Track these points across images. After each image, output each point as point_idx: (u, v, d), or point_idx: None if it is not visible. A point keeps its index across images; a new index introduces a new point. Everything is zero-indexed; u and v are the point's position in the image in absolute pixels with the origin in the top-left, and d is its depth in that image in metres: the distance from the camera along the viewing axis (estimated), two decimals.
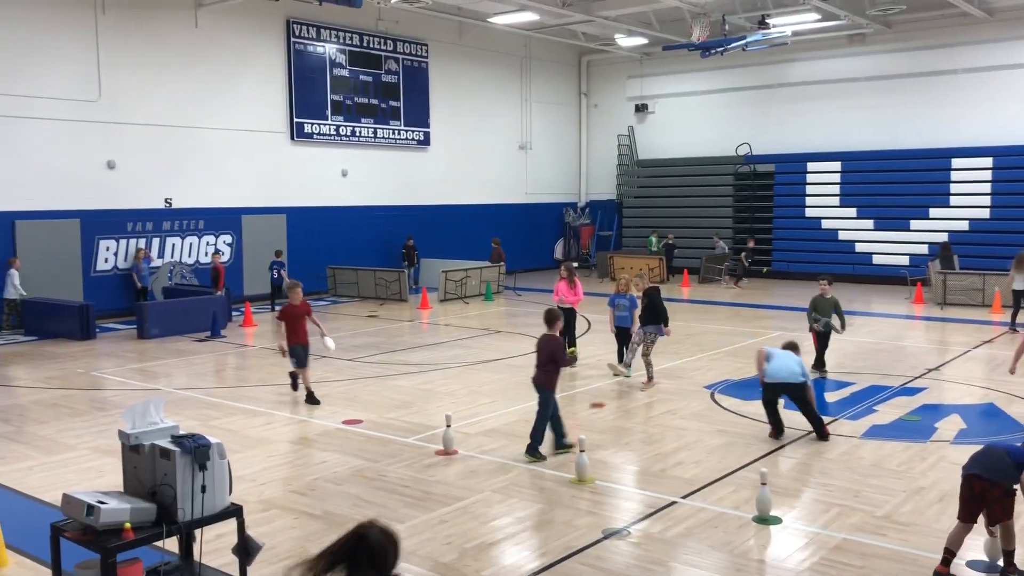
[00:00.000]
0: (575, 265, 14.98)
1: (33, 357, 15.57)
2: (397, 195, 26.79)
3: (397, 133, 26.66)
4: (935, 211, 25.78)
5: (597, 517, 7.44)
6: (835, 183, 27.52)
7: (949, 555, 6.12)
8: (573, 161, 33.88)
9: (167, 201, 21.40)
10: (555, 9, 23.90)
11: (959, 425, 10.32)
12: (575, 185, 34.03)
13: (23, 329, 18.05)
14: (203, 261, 21.82)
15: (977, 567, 6.32)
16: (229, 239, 22.53)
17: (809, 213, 27.98)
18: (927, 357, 14.76)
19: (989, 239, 24.43)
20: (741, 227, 29.35)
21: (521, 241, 30.32)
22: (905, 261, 25.35)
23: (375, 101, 25.97)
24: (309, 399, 11.59)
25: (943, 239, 24.22)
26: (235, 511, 5.29)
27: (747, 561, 6.53)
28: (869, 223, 26.82)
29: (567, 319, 13.19)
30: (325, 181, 24.90)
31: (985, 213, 25.09)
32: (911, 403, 11.44)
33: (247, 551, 5.32)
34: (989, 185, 25.10)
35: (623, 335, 13.19)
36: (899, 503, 7.67)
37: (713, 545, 6.80)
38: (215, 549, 6.13)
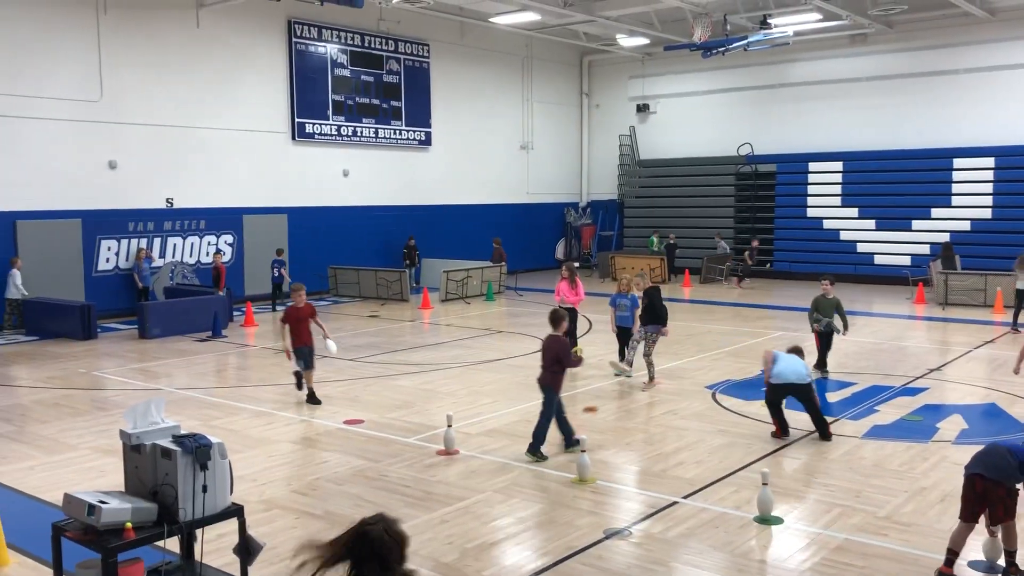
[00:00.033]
0: (576, 265, 14.97)
1: (34, 357, 15.58)
2: (398, 195, 26.80)
3: (398, 133, 26.66)
4: (937, 211, 25.77)
5: (598, 517, 7.44)
6: (837, 183, 27.51)
7: (952, 555, 6.11)
8: (574, 161, 33.87)
9: (168, 201, 21.42)
10: (557, 9, 23.90)
11: (961, 425, 10.31)
12: (576, 185, 34.03)
13: (24, 329, 18.06)
14: (204, 261, 21.83)
15: (978, 567, 6.32)
16: (230, 239, 22.53)
17: (811, 213, 27.96)
18: (929, 357, 14.75)
19: (991, 239, 24.42)
20: (743, 227, 29.35)
21: (522, 241, 30.31)
22: (907, 261, 25.32)
23: (376, 101, 25.98)
24: (310, 399, 11.59)
25: (945, 239, 24.19)
26: (236, 511, 5.29)
27: (748, 561, 6.53)
28: (871, 223, 26.80)
29: (569, 319, 13.18)
30: (326, 181, 24.90)
31: (987, 213, 25.08)
32: (913, 403, 11.44)
33: (248, 551, 5.32)
34: (991, 185, 25.09)
35: (624, 335, 13.20)
36: (901, 503, 7.67)
37: (714, 545, 6.79)
38: (216, 549, 6.13)
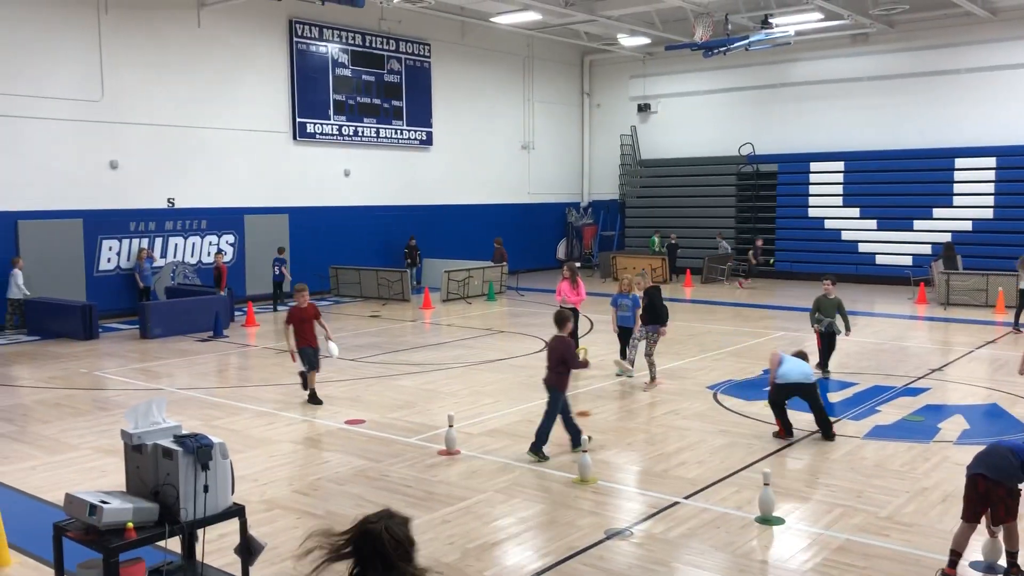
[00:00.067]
0: (578, 265, 14.96)
1: (36, 357, 15.59)
2: (399, 195, 26.80)
3: (399, 133, 26.66)
4: (938, 211, 25.76)
5: (600, 517, 7.43)
6: (838, 183, 27.49)
7: (955, 556, 6.10)
8: (576, 161, 33.86)
9: (170, 201, 21.42)
10: (558, 9, 23.89)
11: (962, 426, 10.31)
12: (578, 185, 34.02)
13: (26, 329, 18.07)
14: (206, 261, 21.84)
15: (978, 567, 6.32)
16: (232, 239, 22.54)
17: (812, 213, 27.95)
18: (930, 357, 14.74)
19: (992, 239, 24.41)
20: (744, 227, 29.34)
21: (523, 241, 30.31)
22: (908, 261, 25.30)
23: (377, 101, 25.98)
24: (311, 399, 11.59)
25: (946, 239, 24.18)
26: (237, 511, 5.29)
27: (750, 562, 6.53)
28: (872, 223, 26.79)
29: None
30: (328, 181, 24.91)
31: (988, 213, 25.06)
32: (914, 403, 11.43)
33: (249, 551, 5.32)
34: (992, 185, 25.07)
35: (626, 335, 13.19)
36: (902, 504, 7.66)
37: (716, 546, 6.79)
38: (217, 549, 6.13)
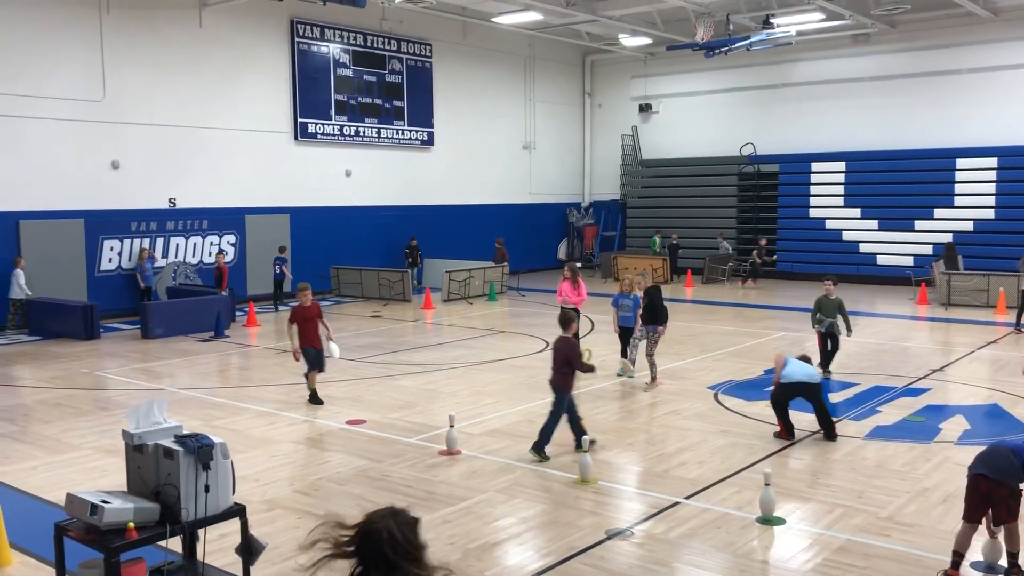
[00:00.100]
0: (579, 265, 14.95)
1: (37, 357, 15.60)
2: (401, 195, 26.80)
3: (401, 133, 26.66)
4: (939, 211, 25.74)
5: (600, 517, 7.44)
6: (839, 183, 27.48)
7: (958, 558, 6.09)
8: (577, 161, 33.86)
9: (171, 201, 21.44)
10: (559, 9, 23.89)
11: (963, 426, 10.31)
12: (579, 185, 34.02)
13: (27, 329, 18.08)
14: (207, 261, 21.85)
15: (978, 568, 6.32)
16: (233, 239, 22.55)
17: (813, 213, 27.94)
18: (931, 358, 14.74)
19: (994, 239, 24.40)
20: (745, 227, 29.33)
21: (524, 241, 30.31)
22: (909, 262, 25.30)
23: (379, 101, 25.98)
24: (312, 399, 11.58)
25: (947, 239, 24.18)
26: (238, 511, 5.29)
27: (750, 562, 6.53)
28: (873, 223, 26.77)
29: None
30: (329, 181, 24.91)
31: (990, 213, 25.05)
32: (915, 404, 11.42)
33: (250, 551, 5.32)
34: (994, 185, 25.05)
35: (627, 335, 13.20)
36: (903, 504, 7.66)
37: (716, 546, 6.79)
38: (218, 549, 6.14)
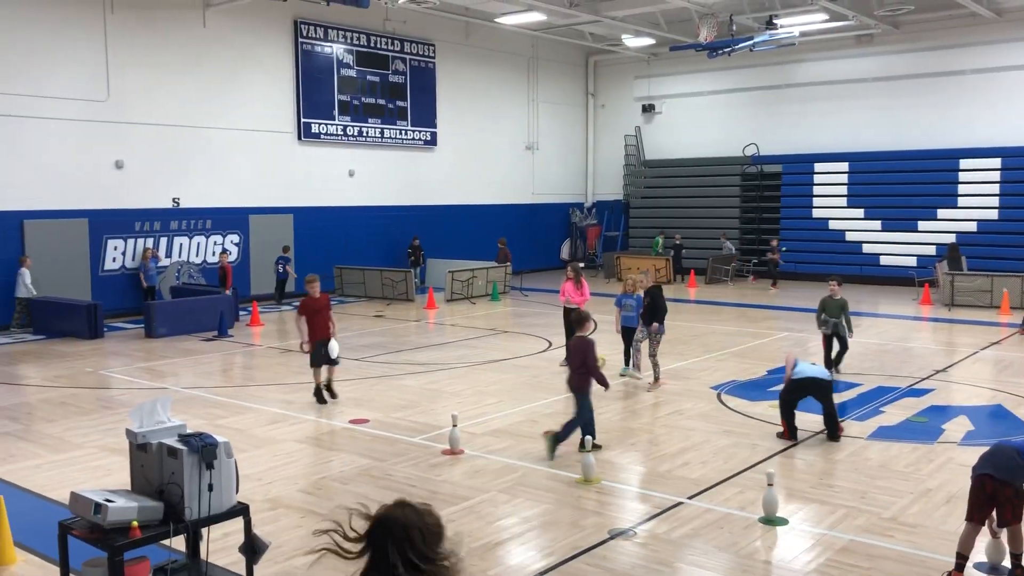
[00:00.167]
0: (581, 265, 14.94)
1: (41, 356, 15.63)
2: (404, 195, 26.82)
3: (404, 133, 26.67)
4: (943, 212, 25.70)
5: (603, 517, 7.44)
6: (842, 184, 27.45)
7: (962, 560, 6.08)
8: (580, 161, 33.85)
9: (175, 201, 21.46)
10: (562, 9, 23.88)
11: (967, 427, 10.29)
12: (582, 185, 34.01)
13: (32, 328, 18.12)
14: (210, 261, 21.87)
15: (981, 568, 6.31)
16: (236, 239, 22.58)
17: (816, 214, 27.91)
18: (935, 358, 14.72)
19: (997, 240, 24.37)
20: (748, 228, 29.32)
21: (527, 241, 30.31)
22: (913, 262, 25.26)
23: (382, 101, 26.00)
24: (317, 396, 11.57)
25: (951, 240, 24.16)
26: (242, 510, 5.30)
27: (753, 562, 6.53)
28: (877, 224, 26.74)
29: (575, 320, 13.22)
30: (332, 181, 24.93)
31: (993, 214, 25.00)
32: (918, 404, 11.41)
33: (254, 550, 5.33)
34: (997, 186, 24.99)
35: (629, 335, 13.20)
36: (906, 504, 7.66)
37: (719, 546, 6.79)
38: (222, 548, 6.15)
